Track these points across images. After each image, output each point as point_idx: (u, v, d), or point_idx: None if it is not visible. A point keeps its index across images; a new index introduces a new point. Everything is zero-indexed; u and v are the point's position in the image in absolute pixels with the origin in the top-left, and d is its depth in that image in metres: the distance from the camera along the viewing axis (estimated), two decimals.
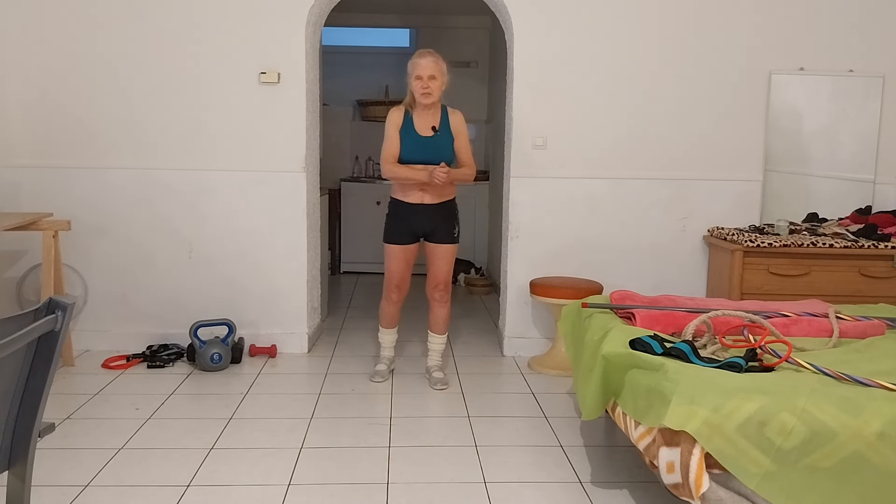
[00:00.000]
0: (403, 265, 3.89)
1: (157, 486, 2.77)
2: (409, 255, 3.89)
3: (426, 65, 3.67)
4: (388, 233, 3.88)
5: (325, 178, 4.99)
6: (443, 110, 3.82)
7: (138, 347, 4.39)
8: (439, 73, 3.70)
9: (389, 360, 4.13)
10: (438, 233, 3.86)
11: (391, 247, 3.87)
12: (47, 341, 1.58)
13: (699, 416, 2.15)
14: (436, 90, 3.70)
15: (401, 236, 3.85)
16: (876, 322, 3.07)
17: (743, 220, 4.45)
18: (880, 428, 2.09)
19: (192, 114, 4.32)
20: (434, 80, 3.68)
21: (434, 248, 3.88)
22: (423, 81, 3.67)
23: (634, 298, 3.28)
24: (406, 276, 3.93)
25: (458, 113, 3.86)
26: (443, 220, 3.85)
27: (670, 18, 4.34)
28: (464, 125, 3.85)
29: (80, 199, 4.34)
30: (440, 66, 3.71)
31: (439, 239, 3.86)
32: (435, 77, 3.68)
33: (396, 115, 3.79)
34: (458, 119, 3.84)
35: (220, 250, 4.42)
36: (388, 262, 3.91)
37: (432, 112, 3.79)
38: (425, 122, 3.78)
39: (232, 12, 4.26)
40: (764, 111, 4.42)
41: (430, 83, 3.67)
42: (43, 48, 4.26)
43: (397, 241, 3.86)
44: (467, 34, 7.32)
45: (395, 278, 3.91)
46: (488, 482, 2.85)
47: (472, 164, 3.86)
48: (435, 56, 3.71)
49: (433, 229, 3.85)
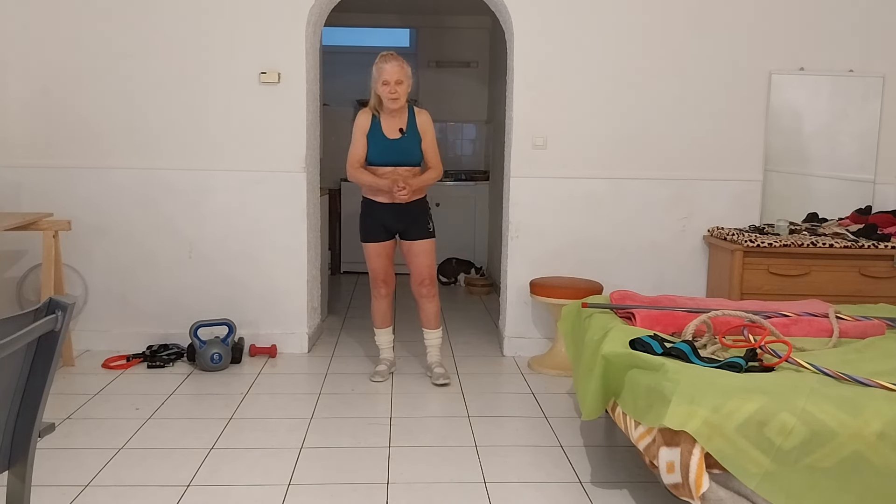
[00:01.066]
0: (385, 260, 3.96)
1: (157, 486, 2.77)
2: (387, 250, 3.96)
3: (392, 70, 3.70)
4: (364, 232, 3.94)
5: (325, 178, 4.99)
6: (410, 110, 3.86)
7: (138, 347, 4.39)
8: (405, 77, 3.74)
9: (390, 361, 4.15)
10: (412, 230, 3.91)
11: (369, 245, 3.94)
12: (47, 341, 1.58)
13: (699, 416, 2.15)
14: (403, 94, 3.75)
15: (376, 234, 3.92)
16: (876, 322, 3.07)
17: (743, 220, 4.46)
18: (880, 428, 2.09)
19: (193, 113, 4.32)
20: (401, 85, 3.72)
21: (411, 245, 3.93)
22: (391, 86, 3.71)
23: (634, 298, 3.28)
24: (389, 270, 4.00)
25: (425, 112, 3.91)
26: (415, 217, 3.90)
27: (670, 18, 4.34)
28: (430, 124, 3.89)
29: (80, 198, 4.34)
30: (405, 70, 3.75)
31: (415, 235, 3.92)
32: (402, 81, 3.73)
33: (364, 118, 3.85)
34: (425, 118, 3.88)
35: (221, 250, 4.42)
36: (370, 260, 3.98)
37: (399, 113, 3.83)
38: (392, 124, 3.82)
39: (232, 12, 4.26)
40: (764, 111, 4.42)
41: (398, 88, 3.72)
42: (43, 48, 4.26)
43: (373, 239, 3.92)
44: (467, 34, 7.32)
45: (379, 274, 3.98)
46: (488, 482, 2.85)
47: (439, 164, 3.92)
48: (399, 60, 3.75)
49: (406, 227, 3.91)
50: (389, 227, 3.91)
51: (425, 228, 3.93)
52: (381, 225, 3.90)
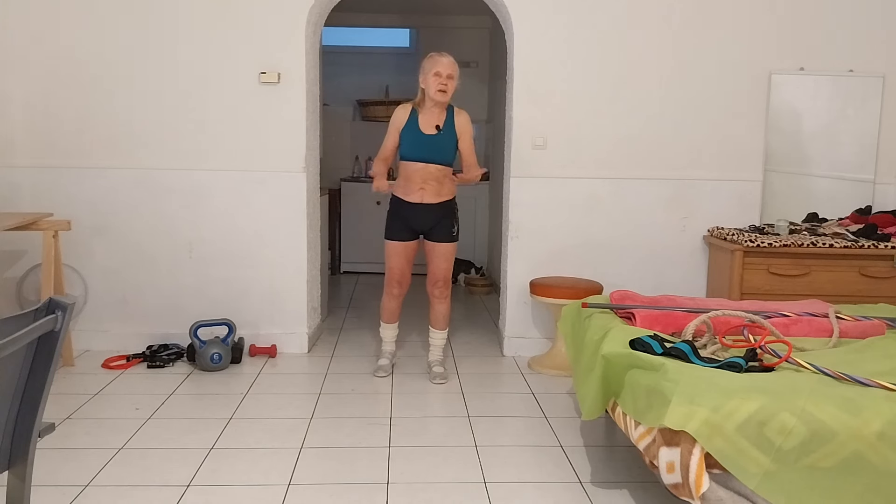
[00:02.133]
0: (404, 261, 3.97)
1: (157, 486, 2.77)
2: (409, 251, 3.97)
3: (447, 63, 3.78)
4: (389, 229, 3.96)
5: (325, 178, 4.99)
6: (449, 110, 3.89)
7: (138, 347, 4.39)
8: (455, 74, 3.81)
9: (391, 354, 4.18)
10: (437, 231, 3.92)
11: (391, 243, 3.95)
12: (47, 341, 1.58)
13: (699, 416, 2.15)
14: (451, 89, 3.79)
15: (401, 233, 3.93)
16: (876, 322, 3.07)
17: (743, 220, 4.46)
18: (880, 428, 2.09)
19: (193, 114, 4.32)
20: (451, 80, 3.78)
21: (433, 246, 3.95)
22: (442, 78, 3.76)
23: (634, 298, 3.28)
24: (406, 271, 4.01)
25: (465, 113, 3.92)
26: (442, 219, 3.92)
27: (671, 18, 4.34)
28: (469, 125, 3.92)
29: (80, 199, 4.34)
30: (456, 68, 3.82)
31: (438, 237, 3.93)
32: (452, 76, 3.78)
33: (402, 113, 3.89)
34: (464, 119, 3.90)
35: (220, 250, 4.42)
36: (389, 258, 3.98)
37: (438, 111, 3.85)
38: (430, 120, 3.85)
39: (232, 12, 4.26)
40: (764, 111, 4.42)
41: (448, 81, 3.77)
42: (43, 48, 4.26)
43: (398, 237, 3.93)
44: (467, 34, 7.31)
45: (395, 274, 3.99)
46: (488, 482, 2.85)
47: (476, 164, 3.93)
48: (452, 58, 3.82)
49: (432, 228, 3.92)
50: (415, 226, 3.93)
51: (450, 232, 3.95)
52: (407, 224, 3.92)
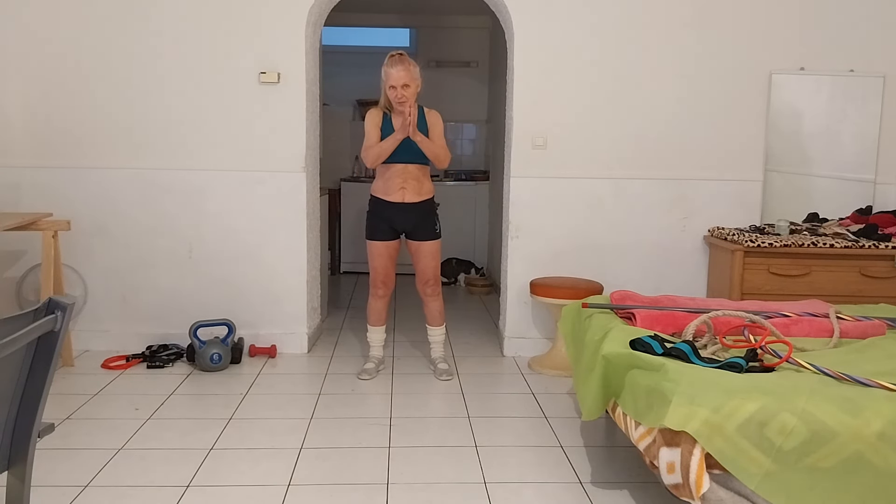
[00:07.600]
0: (387, 261, 3.97)
1: (157, 487, 2.76)
2: (391, 250, 3.97)
3: (398, 75, 3.72)
4: (370, 230, 3.96)
5: (325, 178, 4.99)
6: (420, 110, 3.87)
7: (138, 347, 4.39)
8: (412, 80, 3.75)
9: (378, 359, 4.17)
10: (420, 230, 3.93)
11: (374, 244, 3.95)
12: (47, 341, 1.57)
13: (699, 416, 2.15)
14: (410, 96, 3.75)
15: (383, 233, 3.93)
16: (876, 322, 3.07)
17: (743, 220, 4.45)
18: (881, 428, 2.09)
19: (192, 114, 4.32)
20: (408, 88, 3.74)
21: (419, 245, 3.95)
22: (397, 91, 3.73)
23: (634, 298, 3.28)
24: (391, 271, 4.01)
25: (435, 112, 3.93)
26: (423, 218, 3.92)
27: (671, 18, 4.34)
28: (440, 122, 3.93)
29: (80, 199, 4.34)
30: (411, 73, 3.74)
31: (422, 236, 3.94)
32: (408, 85, 3.74)
33: (375, 115, 3.88)
34: (435, 117, 3.92)
35: (220, 250, 4.42)
36: (372, 259, 3.99)
37: None
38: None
39: (232, 12, 4.25)
40: (764, 111, 4.42)
41: (404, 91, 3.73)
42: (43, 48, 4.25)
43: (380, 237, 3.94)
44: (467, 34, 7.32)
45: (380, 275, 4.00)
46: (488, 482, 2.85)
47: (446, 148, 3.89)
48: (405, 63, 3.75)
49: (414, 227, 3.93)
50: (397, 226, 3.92)
51: (432, 229, 3.95)
52: (387, 224, 3.91)
